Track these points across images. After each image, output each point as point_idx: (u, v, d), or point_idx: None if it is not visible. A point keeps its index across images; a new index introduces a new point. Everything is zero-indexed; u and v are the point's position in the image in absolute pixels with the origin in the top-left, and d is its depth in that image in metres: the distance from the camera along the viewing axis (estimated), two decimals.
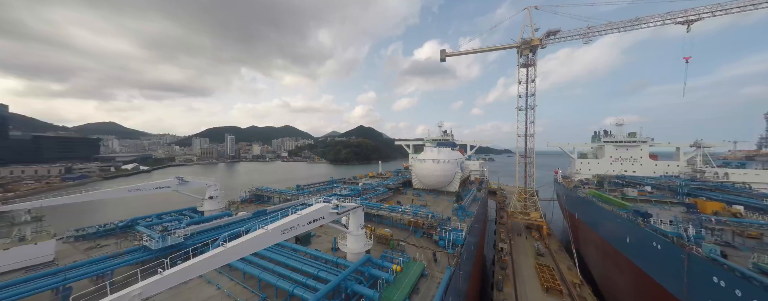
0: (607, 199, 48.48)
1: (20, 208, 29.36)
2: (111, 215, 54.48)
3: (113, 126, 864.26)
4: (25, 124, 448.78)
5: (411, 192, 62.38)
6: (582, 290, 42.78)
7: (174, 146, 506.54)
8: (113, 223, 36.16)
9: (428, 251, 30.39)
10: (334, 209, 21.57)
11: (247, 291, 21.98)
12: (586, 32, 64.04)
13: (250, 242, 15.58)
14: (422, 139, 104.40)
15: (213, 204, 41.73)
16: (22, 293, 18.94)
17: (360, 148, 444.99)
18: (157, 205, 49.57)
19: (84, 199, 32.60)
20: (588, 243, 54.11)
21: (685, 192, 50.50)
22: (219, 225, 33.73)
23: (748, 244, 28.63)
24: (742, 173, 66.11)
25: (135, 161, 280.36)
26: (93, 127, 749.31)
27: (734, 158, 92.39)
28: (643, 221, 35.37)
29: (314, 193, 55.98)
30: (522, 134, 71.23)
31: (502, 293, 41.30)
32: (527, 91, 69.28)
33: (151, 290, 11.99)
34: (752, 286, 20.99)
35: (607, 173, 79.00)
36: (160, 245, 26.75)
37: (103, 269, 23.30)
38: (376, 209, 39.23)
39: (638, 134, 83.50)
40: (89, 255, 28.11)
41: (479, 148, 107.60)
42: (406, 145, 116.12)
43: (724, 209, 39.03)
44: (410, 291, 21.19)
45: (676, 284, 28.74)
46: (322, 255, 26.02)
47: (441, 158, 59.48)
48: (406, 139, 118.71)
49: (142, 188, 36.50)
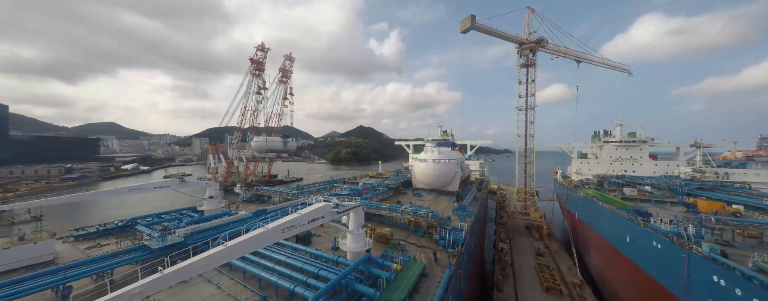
0: (607, 199, 48.47)
1: (20, 207, 29.36)
2: (111, 215, 54.50)
3: (113, 126, 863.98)
4: (25, 124, 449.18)
5: (411, 192, 62.36)
6: (582, 290, 42.77)
7: (174, 146, 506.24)
8: (113, 222, 36.16)
9: (428, 250, 30.37)
10: (335, 208, 21.54)
11: (247, 290, 21.95)
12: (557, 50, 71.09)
13: (251, 241, 15.55)
14: (422, 139, 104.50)
15: (213, 203, 41.73)
16: (22, 292, 18.90)
17: (360, 149, 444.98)
18: (157, 205, 49.58)
19: (84, 198, 32.61)
20: (588, 243, 54.10)
21: (684, 192, 50.48)
22: (219, 224, 33.69)
23: (748, 243, 28.68)
24: (742, 172, 66.12)
25: (135, 161, 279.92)
26: (93, 128, 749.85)
27: (734, 158, 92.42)
28: (643, 221, 35.36)
29: (314, 192, 55.98)
30: (522, 134, 71.29)
31: (502, 293, 41.27)
32: (527, 91, 69.35)
33: (151, 288, 11.96)
34: (752, 285, 21.00)
35: (607, 172, 78.99)
36: (160, 244, 26.72)
37: (103, 267, 23.25)
38: (377, 209, 39.19)
39: (638, 134, 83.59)
40: (89, 254, 28.08)
41: (479, 148, 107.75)
42: (406, 146, 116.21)
43: (724, 209, 39.02)
44: (410, 290, 21.16)
45: (676, 284, 28.74)
46: (322, 254, 26.00)
47: (441, 158, 59.47)
48: (406, 139, 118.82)
49: (142, 187, 36.51)
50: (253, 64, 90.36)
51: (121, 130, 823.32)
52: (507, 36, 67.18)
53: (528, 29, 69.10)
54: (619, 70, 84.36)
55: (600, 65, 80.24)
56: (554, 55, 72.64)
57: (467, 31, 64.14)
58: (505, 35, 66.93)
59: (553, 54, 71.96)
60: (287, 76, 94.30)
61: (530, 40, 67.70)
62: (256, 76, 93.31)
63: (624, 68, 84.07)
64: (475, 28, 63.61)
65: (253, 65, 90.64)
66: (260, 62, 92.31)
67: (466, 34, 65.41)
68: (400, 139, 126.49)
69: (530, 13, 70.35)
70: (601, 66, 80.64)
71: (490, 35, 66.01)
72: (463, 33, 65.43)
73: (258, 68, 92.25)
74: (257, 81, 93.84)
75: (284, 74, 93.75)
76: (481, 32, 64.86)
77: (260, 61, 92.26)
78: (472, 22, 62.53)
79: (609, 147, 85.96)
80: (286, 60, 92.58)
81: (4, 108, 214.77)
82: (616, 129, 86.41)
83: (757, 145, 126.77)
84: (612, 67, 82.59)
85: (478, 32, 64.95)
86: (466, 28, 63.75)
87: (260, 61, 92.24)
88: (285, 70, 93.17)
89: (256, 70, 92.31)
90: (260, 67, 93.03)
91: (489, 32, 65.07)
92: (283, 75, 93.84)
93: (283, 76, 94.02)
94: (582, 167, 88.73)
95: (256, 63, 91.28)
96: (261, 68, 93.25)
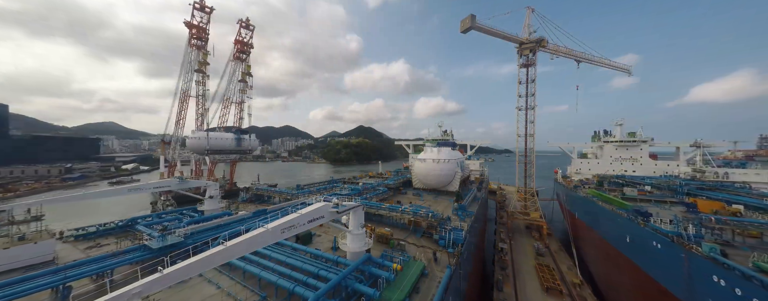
0: (607, 198, 48.46)
1: (21, 206, 29.39)
2: (111, 215, 54.51)
3: (113, 126, 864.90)
4: (25, 124, 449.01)
5: (411, 192, 62.35)
6: (582, 290, 42.79)
7: None
8: (113, 222, 36.15)
9: (428, 250, 30.37)
10: (335, 208, 21.55)
11: (247, 290, 21.95)
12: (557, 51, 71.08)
13: (251, 241, 15.56)
14: (422, 139, 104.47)
15: (213, 203, 41.73)
16: (22, 292, 18.91)
17: (360, 148, 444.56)
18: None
19: (84, 198, 32.64)
20: (588, 243, 54.09)
21: (684, 192, 50.46)
22: (219, 224, 33.72)
23: (749, 243, 28.67)
24: (742, 172, 66.08)
25: (135, 160, 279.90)
26: (93, 127, 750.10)
27: (734, 158, 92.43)
28: (643, 221, 35.34)
29: (314, 192, 55.99)
30: (522, 134, 71.29)
31: (502, 293, 41.27)
32: (527, 91, 69.35)
33: (151, 288, 11.96)
34: (752, 285, 20.98)
35: (607, 172, 78.97)
36: (160, 244, 26.73)
37: (103, 267, 23.25)
38: (376, 209, 39.19)
39: (638, 134, 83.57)
40: (89, 254, 28.10)
41: (479, 148, 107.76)
42: (406, 145, 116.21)
43: (724, 209, 38.99)
44: (410, 290, 21.17)
45: (676, 283, 28.74)
46: (322, 254, 26.00)
47: (441, 158, 59.46)
48: (406, 139, 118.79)
49: (142, 187, 36.54)
50: (191, 31, 69.49)
51: (121, 130, 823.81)
52: (507, 36, 67.04)
53: (528, 29, 69.09)
54: (619, 70, 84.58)
55: (600, 65, 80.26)
56: (554, 55, 72.59)
57: (467, 30, 63.55)
58: (505, 35, 66.79)
59: (552, 54, 71.83)
60: (245, 52, 73.25)
61: (530, 39, 67.72)
62: (199, 49, 72.16)
63: (624, 68, 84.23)
64: (475, 28, 63.37)
65: (192, 31, 69.74)
66: (201, 28, 70.53)
67: (466, 33, 65.06)
68: (400, 139, 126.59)
69: (530, 12, 70.34)
70: (600, 66, 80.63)
71: (490, 35, 65.67)
72: (463, 33, 64.93)
73: (199, 36, 70.85)
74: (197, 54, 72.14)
75: (242, 48, 72.71)
76: (481, 32, 64.59)
77: (201, 27, 70.41)
78: (472, 21, 62.00)
79: (609, 147, 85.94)
80: (242, 27, 72.01)
81: (4, 108, 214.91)
82: (616, 129, 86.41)
83: (757, 145, 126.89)
84: (612, 67, 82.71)
85: (478, 32, 64.73)
86: (466, 28, 63.25)
87: (201, 26, 70.49)
88: (241, 43, 72.48)
89: (197, 39, 70.94)
90: (201, 36, 71.09)
91: (489, 32, 64.86)
92: (240, 49, 72.77)
93: (239, 50, 72.88)
94: (582, 166, 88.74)
95: (195, 28, 69.49)
96: (203, 37, 71.50)
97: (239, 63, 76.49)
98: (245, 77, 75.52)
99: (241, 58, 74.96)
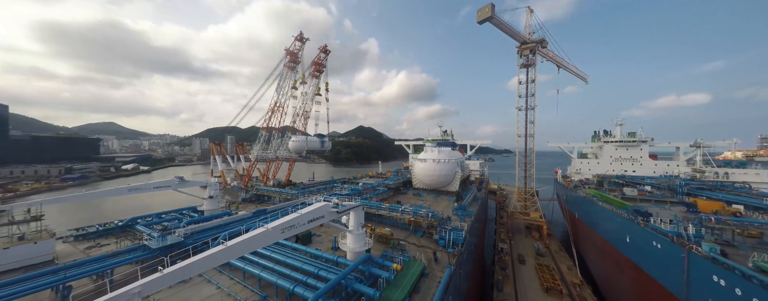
0: (607, 199, 48.46)
1: (21, 205, 29.38)
2: (111, 215, 54.45)
3: (113, 126, 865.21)
4: (25, 124, 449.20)
5: (411, 192, 62.35)
6: (582, 290, 42.79)
7: (174, 146, 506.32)
8: (113, 222, 36.15)
9: (428, 250, 30.35)
10: (335, 208, 21.54)
11: (247, 290, 21.94)
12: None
13: (251, 241, 15.56)
14: (422, 139, 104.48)
15: (213, 203, 41.70)
16: (22, 292, 18.90)
17: (360, 149, 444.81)
18: (157, 204, 49.56)
19: (84, 198, 32.61)
20: (588, 243, 54.08)
21: (684, 192, 50.50)
22: (219, 224, 33.68)
23: (748, 243, 28.64)
24: (742, 172, 66.10)
25: (135, 161, 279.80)
26: (93, 128, 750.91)
27: (734, 158, 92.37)
28: (643, 221, 35.35)
29: (314, 193, 55.97)
30: (522, 134, 71.32)
31: (502, 293, 41.28)
32: (527, 91, 69.42)
33: (151, 288, 11.98)
34: (752, 285, 20.99)
35: (607, 172, 79.03)
36: (160, 244, 26.73)
37: (103, 267, 23.23)
38: (376, 209, 39.18)
39: (638, 134, 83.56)
40: (89, 254, 28.10)
41: (479, 148, 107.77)
42: (406, 145, 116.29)
43: (724, 209, 39.06)
44: (410, 290, 21.16)
45: (676, 283, 28.74)
46: (322, 254, 25.98)
47: (441, 158, 59.46)
48: (407, 139, 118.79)
49: (142, 187, 36.47)
50: (288, 56, 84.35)
51: (121, 130, 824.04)
52: (514, 32, 67.09)
53: (528, 29, 69.20)
54: (580, 78, 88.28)
55: (569, 71, 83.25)
56: (544, 59, 73.46)
57: (484, 21, 62.21)
58: (513, 32, 66.85)
59: (543, 57, 72.61)
60: (320, 71, 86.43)
61: (532, 39, 67.81)
62: (291, 69, 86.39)
63: (582, 76, 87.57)
64: (491, 21, 61.88)
65: (288, 57, 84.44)
66: (295, 54, 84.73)
67: (482, 24, 63.68)
68: (400, 139, 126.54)
69: (530, 13, 70.39)
70: (569, 72, 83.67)
71: (501, 29, 64.68)
72: (479, 23, 63.58)
73: (293, 60, 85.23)
74: (293, 75, 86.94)
75: (317, 68, 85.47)
76: (494, 24, 63.44)
77: (295, 53, 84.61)
78: (492, 11, 60.21)
79: (609, 147, 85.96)
80: (321, 52, 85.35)
81: (4, 108, 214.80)
82: (616, 129, 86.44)
83: (757, 145, 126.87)
84: (575, 74, 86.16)
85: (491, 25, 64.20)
86: (484, 18, 61.44)
87: (296, 52, 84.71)
88: (318, 64, 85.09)
89: (291, 62, 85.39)
90: (295, 60, 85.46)
91: (501, 26, 64.25)
92: (316, 69, 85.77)
93: (316, 69, 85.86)
94: (582, 166, 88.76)
95: (291, 55, 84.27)
96: (296, 60, 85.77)
97: (314, 79, 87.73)
98: (320, 91, 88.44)
99: (317, 75, 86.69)
